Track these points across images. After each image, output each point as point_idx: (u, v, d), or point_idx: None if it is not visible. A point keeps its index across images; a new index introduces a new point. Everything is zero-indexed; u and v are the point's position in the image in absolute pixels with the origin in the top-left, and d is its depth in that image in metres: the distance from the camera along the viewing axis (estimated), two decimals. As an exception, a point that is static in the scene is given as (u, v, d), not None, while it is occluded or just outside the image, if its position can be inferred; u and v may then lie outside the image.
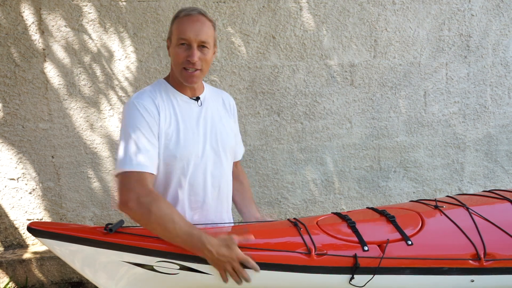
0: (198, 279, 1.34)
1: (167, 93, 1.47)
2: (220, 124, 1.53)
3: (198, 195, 1.47)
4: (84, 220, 2.87)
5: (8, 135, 2.73)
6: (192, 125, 1.45)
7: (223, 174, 1.52)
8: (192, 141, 1.43)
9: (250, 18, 2.81)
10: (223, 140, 1.51)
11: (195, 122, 1.46)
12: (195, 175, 1.44)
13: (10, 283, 2.72)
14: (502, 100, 3.19)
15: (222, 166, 1.51)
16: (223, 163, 1.52)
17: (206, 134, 1.47)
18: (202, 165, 1.45)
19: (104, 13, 2.68)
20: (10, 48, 2.66)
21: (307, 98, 2.95)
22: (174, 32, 1.42)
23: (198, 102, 1.50)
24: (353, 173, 3.10)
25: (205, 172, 1.46)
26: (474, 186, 3.27)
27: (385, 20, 2.95)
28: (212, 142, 1.48)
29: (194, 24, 1.39)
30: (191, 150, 1.42)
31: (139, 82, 2.77)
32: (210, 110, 1.52)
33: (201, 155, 1.45)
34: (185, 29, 1.38)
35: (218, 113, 1.55)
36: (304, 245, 1.36)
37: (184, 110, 1.46)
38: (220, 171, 1.50)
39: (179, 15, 1.43)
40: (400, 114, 3.08)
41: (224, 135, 1.52)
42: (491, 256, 1.41)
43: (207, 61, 1.43)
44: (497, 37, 3.11)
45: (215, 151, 1.49)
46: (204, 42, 1.40)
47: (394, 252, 1.38)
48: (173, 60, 1.44)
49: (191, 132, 1.44)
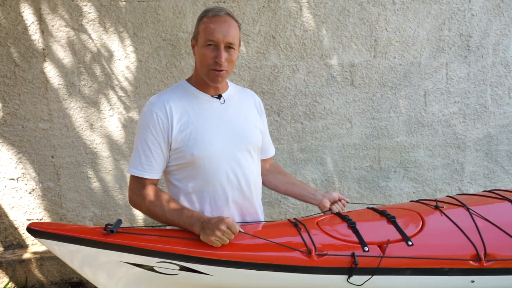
0: (198, 280, 1.34)
1: (187, 94, 1.49)
2: (245, 122, 1.53)
3: (222, 193, 1.48)
4: (84, 220, 2.87)
5: (8, 135, 2.73)
6: (213, 123, 1.47)
7: (248, 172, 1.52)
8: (212, 139, 1.44)
9: (250, 18, 2.81)
10: (247, 138, 1.51)
11: (216, 120, 1.47)
12: (217, 172, 1.45)
13: (10, 283, 2.72)
14: (502, 100, 3.19)
15: (247, 163, 1.51)
16: (248, 160, 1.52)
17: (227, 131, 1.48)
18: (224, 162, 1.46)
19: (104, 13, 2.68)
20: (10, 48, 2.66)
21: (307, 98, 2.95)
22: (201, 32, 1.42)
23: (220, 100, 1.51)
24: (353, 173, 3.10)
25: (228, 169, 1.47)
26: (474, 186, 3.27)
27: (385, 20, 2.95)
28: (235, 140, 1.49)
29: (222, 25, 1.39)
30: (209, 148, 1.44)
31: (139, 82, 2.77)
32: (234, 108, 1.53)
33: (222, 152, 1.46)
34: (213, 30, 1.39)
35: (242, 111, 1.55)
36: (304, 246, 1.36)
37: (205, 109, 1.48)
38: (245, 169, 1.50)
39: (207, 14, 1.42)
40: (400, 114, 3.08)
41: (249, 132, 1.53)
42: (492, 256, 1.41)
43: (233, 62, 1.45)
44: (497, 37, 3.11)
45: (238, 148, 1.49)
46: (231, 43, 1.41)
47: (395, 252, 1.38)
48: (200, 61, 1.44)
49: (211, 130, 1.45)
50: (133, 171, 1.45)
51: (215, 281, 1.33)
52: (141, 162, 1.43)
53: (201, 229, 1.33)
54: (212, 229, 1.31)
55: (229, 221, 1.32)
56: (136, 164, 1.44)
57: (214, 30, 1.38)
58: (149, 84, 2.78)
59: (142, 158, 1.43)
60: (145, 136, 1.43)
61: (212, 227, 1.31)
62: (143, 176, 1.44)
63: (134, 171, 1.44)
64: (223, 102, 1.51)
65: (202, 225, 1.34)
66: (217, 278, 1.33)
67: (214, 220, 1.33)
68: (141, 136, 1.44)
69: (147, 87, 2.78)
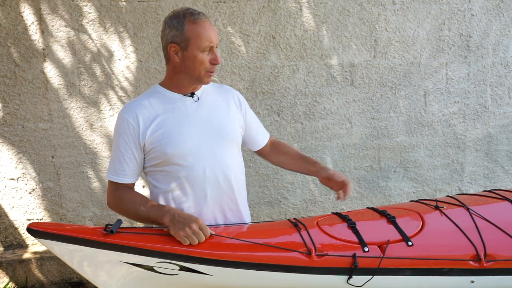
0: (198, 280, 1.34)
1: (159, 97, 1.52)
2: (221, 117, 1.55)
3: (200, 190, 1.49)
4: (84, 220, 2.87)
5: (8, 135, 2.73)
6: (186, 121, 1.48)
7: (225, 167, 1.52)
8: (185, 136, 1.46)
9: (250, 18, 2.81)
10: (223, 133, 1.52)
11: (190, 118, 1.49)
12: (193, 169, 1.47)
13: (10, 283, 2.72)
14: (502, 100, 3.19)
15: (224, 159, 1.52)
16: (225, 156, 1.52)
17: (202, 128, 1.50)
18: (200, 159, 1.47)
19: (104, 13, 2.68)
20: (10, 48, 2.66)
21: (307, 98, 2.95)
22: (193, 37, 1.42)
23: (194, 98, 1.53)
24: (353, 173, 3.10)
25: (204, 166, 1.48)
26: (474, 186, 3.27)
27: (385, 20, 2.95)
28: (211, 136, 1.50)
29: (211, 28, 1.45)
30: (183, 145, 1.46)
31: (139, 82, 2.77)
32: (208, 105, 1.55)
33: (197, 149, 1.47)
34: (209, 35, 1.44)
35: (217, 107, 1.57)
36: (304, 246, 1.36)
37: (177, 108, 1.50)
38: (222, 165, 1.51)
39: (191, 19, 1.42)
40: (400, 114, 3.08)
41: (225, 128, 1.54)
42: (492, 257, 1.41)
43: None
44: (497, 37, 3.11)
45: (215, 144, 1.50)
46: (217, 43, 1.49)
47: (395, 252, 1.38)
48: (193, 65, 1.45)
49: (184, 129, 1.47)
50: (109, 176, 1.52)
51: (215, 281, 1.33)
52: (115, 168, 1.50)
53: (171, 221, 1.36)
54: (183, 223, 1.33)
55: (202, 223, 1.34)
56: (111, 169, 1.51)
57: (210, 35, 1.44)
58: (149, 84, 2.78)
59: (116, 163, 1.50)
60: (118, 143, 1.49)
61: (183, 222, 1.33)
62: (116, 180, 1.50)
63: (110, 176, 1.52)
64: (197, 99, 1.53)
65: (173, 217, 1.36)
66: (217, 278, 1.33)
67: (186, 215, 1.36)
68: (115, 142, 1.51)
69: (147, 87, 2.78)
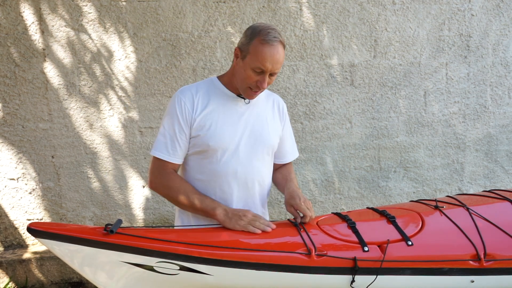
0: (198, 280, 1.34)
1: (214, 90, 1.55)
2: (265, 125, 1.58)
3: (228, 187, 1.53)
4: (84, 220, 2.87)
5: (8, 135, 2.73)
6: (234, 120, 1.52)
7: (256, 172, 1.56)
8: (228, 134, 1.50)
9: (250, 18, 2.81)
10: (263, 140, 1.56)
11: (238, 119, 1.53)
12: (227, 166, 1.51)
13: (10, 283, 2.72)
14: (502, 100, 3.19)
15: (257, 164, 1.56)
16: (259, 161, 1.56)
17: (245, 130, 1.53)
18: (235, 158, 1.51)
19: (104, 13, 2.68)
20: (10, 48, 2.66)
21: (307, 98, 2.95)
22: (252, 54, 1.41)
23: (245, 100, 1.55)
24: (353, 173, 3.10)
25: (237, 166, 1.52)
26: (474, 186, 3.27)
27: (385, 20, 2.95)
28: (251, 139, 1.53)
29: (274, 56, 1.41)
30: (225, 142, 1.50)
31: (139, 82, 2.77)
32: (256, 110, 1.58)
33: (235, 148, 1.51)
34: (265, 60, 1.40)
35: (264, 114, 1.60)
36: (304, 246, 1.36)
37: (229, 106, 1.53)
38: (254, 169, 1.55)
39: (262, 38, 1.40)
40: (400, 114, 3.08)
41: (265, 134, 1.57)
42: (491, 256, 1.41)
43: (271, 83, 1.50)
44: (497, 37, 3.11)
45: (253, 148, 1.54)
46: (276, 72, 1.46)
47: (394, 252, 1.38)
48: (241, 76, 1.46)
49: (230, 127, 1.51)
50: (157, 154, 1.51)
51: (215, 281, 1.33)
52: (166, 147, 1.50)
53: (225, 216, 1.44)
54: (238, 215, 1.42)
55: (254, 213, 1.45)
56: (161, 147, 1.50)
57: (265, 59, 1.39)
58: (149, 84, 2.78)
59: (168, 142, 1.50)
60: (172, 122, 1.50)
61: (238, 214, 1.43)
62: (167, 159, 1.50)
63: (159, 154, 1.51)
64: (248, 102, 1.56)
65: (226, 212, 1.44)
66: (217, 278, 1.33)
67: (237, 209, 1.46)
68: (168, 121, 1.51)
69: (147, 87, 2.78)
